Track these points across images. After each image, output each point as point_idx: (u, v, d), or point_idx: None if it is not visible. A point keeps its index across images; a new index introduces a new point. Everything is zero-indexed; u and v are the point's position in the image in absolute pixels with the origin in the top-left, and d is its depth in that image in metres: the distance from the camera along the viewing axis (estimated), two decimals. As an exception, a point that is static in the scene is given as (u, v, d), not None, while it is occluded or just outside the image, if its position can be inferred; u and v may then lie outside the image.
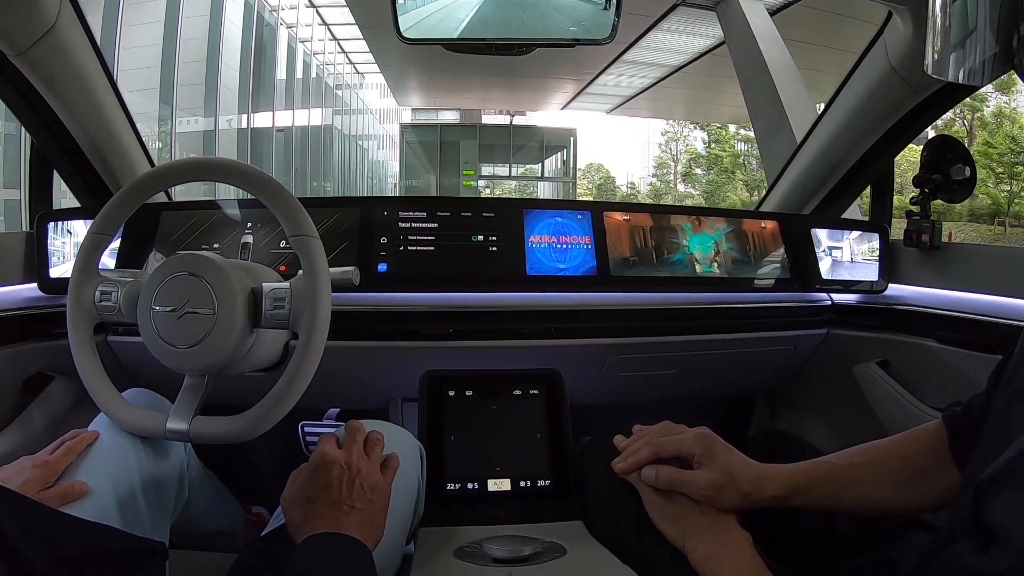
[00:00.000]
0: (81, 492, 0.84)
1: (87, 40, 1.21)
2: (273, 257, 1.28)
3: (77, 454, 0.89)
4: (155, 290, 0.89)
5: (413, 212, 1.34)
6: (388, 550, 0.81)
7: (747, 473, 0.84)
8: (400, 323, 1.25)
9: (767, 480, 0.84)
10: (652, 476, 0.87)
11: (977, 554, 0.51)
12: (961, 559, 0.52)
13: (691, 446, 0.86)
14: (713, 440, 0.87)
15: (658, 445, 0.89)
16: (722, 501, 0.83)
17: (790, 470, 0.84)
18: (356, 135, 23.79)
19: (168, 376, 0.91)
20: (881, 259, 1.48)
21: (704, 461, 0.85)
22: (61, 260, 1.31)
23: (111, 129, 1.34)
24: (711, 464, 0.85)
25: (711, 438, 0.87)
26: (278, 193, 0.91)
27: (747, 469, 0.85)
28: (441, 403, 1.15)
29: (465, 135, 21.90)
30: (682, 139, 34.14)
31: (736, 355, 1.42)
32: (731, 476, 0.83)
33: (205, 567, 1.01)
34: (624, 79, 15.46)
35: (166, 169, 0.98)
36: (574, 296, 1.31)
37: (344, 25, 15.98)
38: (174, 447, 0.99)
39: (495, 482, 1.09)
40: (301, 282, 0.89)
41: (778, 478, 0.84)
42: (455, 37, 1.03)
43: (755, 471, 0.85)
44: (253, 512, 1.47)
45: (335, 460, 0.80)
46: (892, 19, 1.22)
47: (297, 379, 0.86)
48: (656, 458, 0.89)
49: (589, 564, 0.87)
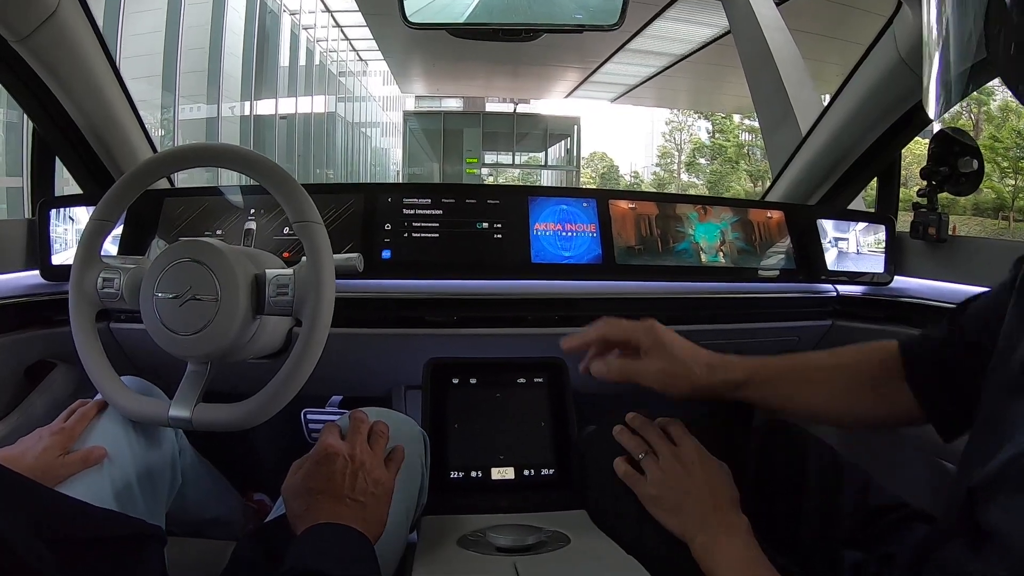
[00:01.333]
0: (100, 456, 0.86)
1: (89, 26, 1.20)
2: (276, 244, 1.28)
3: (90, 419, 0.90)
4: (158, 277, 0.88)
5: (417, 199, 1.33)
6: (391, 539, 0.81)
7: (698, 360, 0.87)
8: (404, 310, 1.24)
9: (719, 367, 0.87)
10: (603, 369, 0.89)
11: (973, 555, 0.50)
12: (958, 560, 0.52)
13: (641, 335, 0.90)
14: (662, 330, 0.90)
15: (607, 324, 0.92)
16: (674, 389, 0.87)
17: (746, 362, 0.88)
18: (359, 122, 23.73)
19: (170, 363, 0.91)
20: (887, 251, 1.47)
21: (653, 351, 0.88)
22: (63, 247, 1.31)
23: (113, 116, 1.34)
24: (660, 353, 0.88)
25: (659, 328, 0.90)
26: (282, 179, 0.90)
27: (697, 356, 0.88)
28: (445, 391, 1.14)
29: (468, 123, 21.86)
30: (686, 129, 34.02)
31: (741, 345, 1.41)
32: (683, 363, 0.87)
33: (203, 554, 1.01)
34: (628, 68, 15.41)
35: (169, 155, 0.97)
36: (579, 284, 1.30)
37: (347, 12, 15.92)
38: (166, 435, 0.99)
39: (499, 471, 1.08)
40: (305, 269, 0.89)
41: (731, 366, 0.87)
42: (461, 22, 1.02)
43: (706, 359, 0.88)
44: (254, 500, 1.47)
45: (339, 452, 0.79)
46: (901, 9, 1.21)
47: (300, 366, 0.86)
48: (604, 339, 0.92)
49: (593, 553, 0.87)
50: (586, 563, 0.85)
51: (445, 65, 16.33)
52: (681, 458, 0.85)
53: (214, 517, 1.21)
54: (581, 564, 0.85)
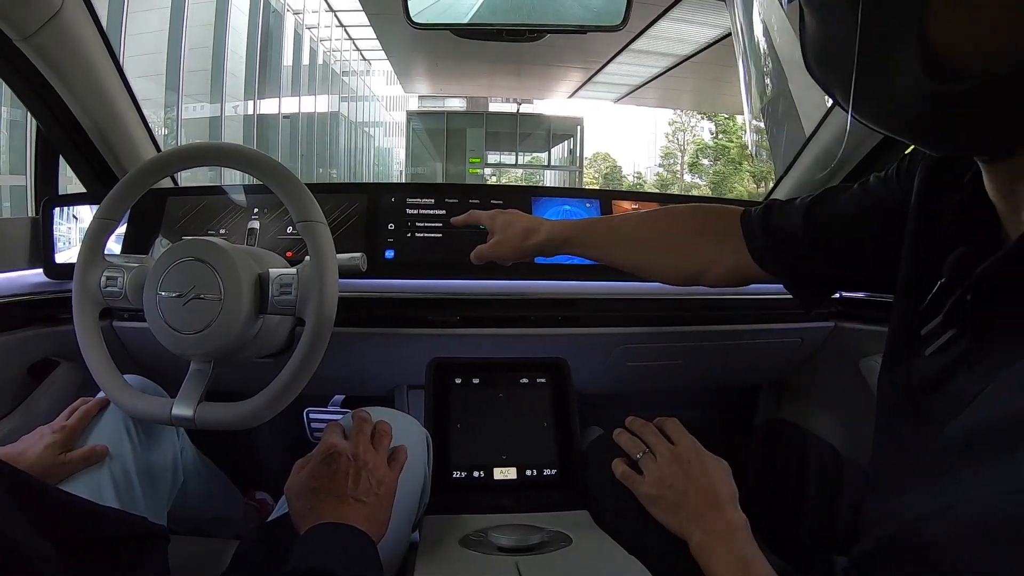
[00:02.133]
0: (102, 454, 0.87)
1: (93, 25, 1.20)
2: (280, 243, 1.28)
3: (92, 417, 0.91)
4: (161, 275, 0.89)
5: (421, 198, 1.33)
6: (393, 538, 0.81)
7: (517, 225, 1.04)
8: (407, 310, 1.24)
9: (534, 231, 1.03)
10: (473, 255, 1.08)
11: None
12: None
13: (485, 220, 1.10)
14: (503, 213, 1.07)
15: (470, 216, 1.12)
16: (501, 253, 1.06)
17: (565, 223, 1.04)
18: (362, 122, 23.75)
19: (173, 362, 0.91)
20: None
21: (495, 231, 1.07)
22: (67, 245, 1.31)
23: (117, 115, 1.34)
24: (497, 231, 1.06)
25: (503, 212, 1.08)
26: (285, 178, 0.91)
27: (517, 221, 1.05)
28: (447, 391, 1.14)
29: (471, 123, 21.81)
30: (689, 129, 33.96)
31: (743, 346, 1.41)
32: (505, 231, 1.05)
33: (206, 553, 1.01)
34: (632, 68, 15.39)
35: (172, 154, 0.97)
36: (582, 284, 1.30)
37: (351, 12, 15.93)
38: (168, 434, 1.00)
39: (501, 471, 1.08)
40: (308, 268, 0.89)
41: (549, 228, 1.03)
42: (465, 22, 1.02)
43: (524, 223, 1.05)
44: (256, 499, 1.47)
45: (342, 451, 0.79)
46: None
47: (303, 366, 0.86)
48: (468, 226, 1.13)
49: (595, 553, 0.87)
50: (588, 563, 0.85)
51: (448, 65, 16.33)
52: (678, 457, 0.86)
53: (216, 516, 1.21)
54: (583, 564, 0.85)
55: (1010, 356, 0.45)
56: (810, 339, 1.45)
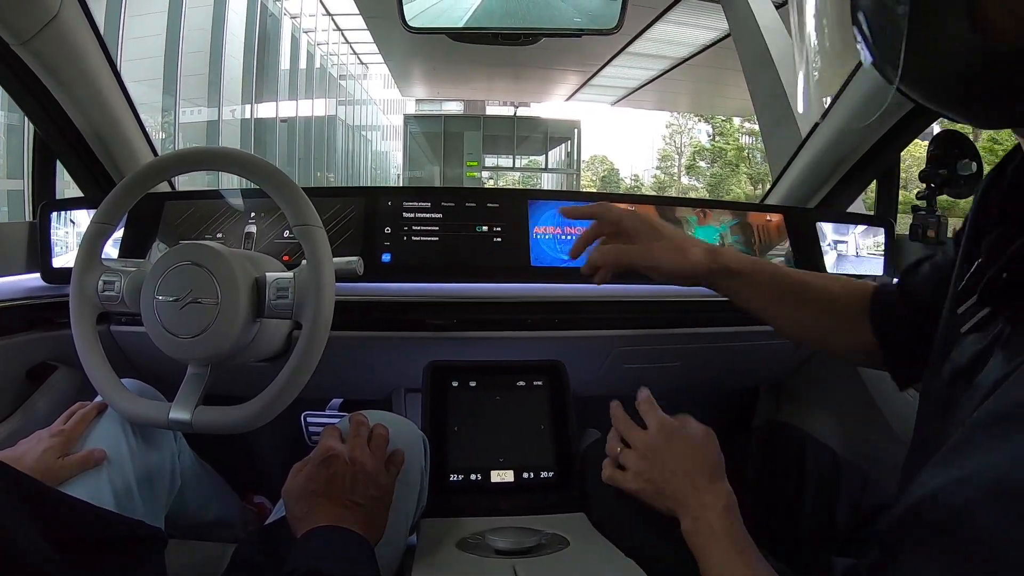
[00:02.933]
0: (100, 458, 0.87)
1: (90, 29, 1.20)
2: (277, 247, 1.28)
3: (90, 421, 0.91)
4: (158, 280, 0.89)
5: (417, 202, 1.33)
6: (391, 541, 0.81)
7: (695, 243, 0.89)
8: (404, 313, 1.24)
9: (718, 252, 0.88)
10: (597, 256, 0.92)
11: None
12: None
13: (628, 220, 0.92)
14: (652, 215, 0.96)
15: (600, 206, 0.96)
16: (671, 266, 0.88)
17: (742, 256, 0.90)
18: (360, 125, 23.76)
19: (171, 366, 0.91)
20: (886, 253, 1.47)
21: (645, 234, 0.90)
22: (64, 250, 1.31)
23: (114, 119, 1.34)
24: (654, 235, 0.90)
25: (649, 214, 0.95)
26: (282, 182, 0.91)
27: (694, 239, 0.91)
28: (444, 394, 1.15)
29: (469, 126, 21.85)
30: (686, 132, 34.03)
31: (741, 348, 1.41)
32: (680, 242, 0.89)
33: (203, 556, 1.01)
34: (629, 71, 15.39)
35: (169, 159, 0.97)
36: (579, 287, 1.30)
37: (348, 15, 15.94)
38: (165, 437, 1.00)
39: (498, 473, 1.09)
40: (305, 272, 0.89)
41: (729, 255, 0.89)
42: (460, 26, 1.02)
43: (702, 243, 0.90)
44: (255, 502, 1.47)
45: (339, 454, 0.79)
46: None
47: (300, 369, 0.86)
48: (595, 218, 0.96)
49: (592, 556, 0.87)
50: (585, 566, 0.85)
51: (445, 68, 16.32)
52: (648, 446, 0.85)
53: (214, 519, 1.21)
54: (580, 567, 0.85)
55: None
56: (808, 341, 1.45)
